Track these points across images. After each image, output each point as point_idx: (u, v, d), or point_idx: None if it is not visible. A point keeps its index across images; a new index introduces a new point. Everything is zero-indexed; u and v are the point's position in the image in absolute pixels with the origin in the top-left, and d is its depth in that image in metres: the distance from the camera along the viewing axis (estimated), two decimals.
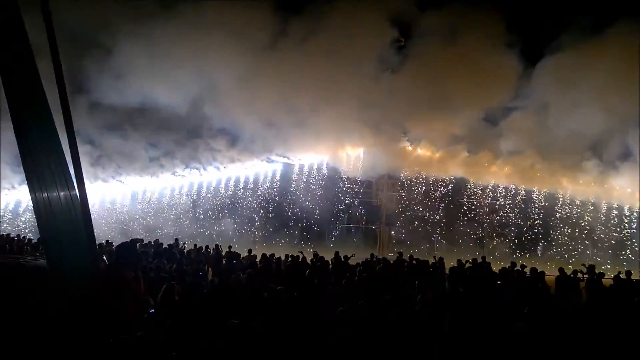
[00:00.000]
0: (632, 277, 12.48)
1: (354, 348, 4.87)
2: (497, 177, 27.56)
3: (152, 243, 16.49)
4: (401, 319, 5.52)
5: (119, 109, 24.85)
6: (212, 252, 15.87)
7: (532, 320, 6.06)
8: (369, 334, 5.08)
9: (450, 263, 14.65)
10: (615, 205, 25.93)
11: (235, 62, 23.77)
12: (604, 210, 26.11)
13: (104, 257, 9.79)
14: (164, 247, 15.74)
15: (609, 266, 21.02)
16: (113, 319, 3.50)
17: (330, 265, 13.11)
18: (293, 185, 29.05)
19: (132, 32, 23.07)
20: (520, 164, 26.75)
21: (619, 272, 13.04)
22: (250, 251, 15.23)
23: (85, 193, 3.81)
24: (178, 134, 28.02)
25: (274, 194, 29.45)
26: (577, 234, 25.97)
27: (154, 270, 10.02)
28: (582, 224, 26.07)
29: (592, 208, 26.19)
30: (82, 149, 3.85)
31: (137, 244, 14.96)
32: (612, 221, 25.84)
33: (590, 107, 23.46)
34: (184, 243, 16.85)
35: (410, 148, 28.22)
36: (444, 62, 24.93)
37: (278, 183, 29.56)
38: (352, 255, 14.44)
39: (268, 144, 28.26)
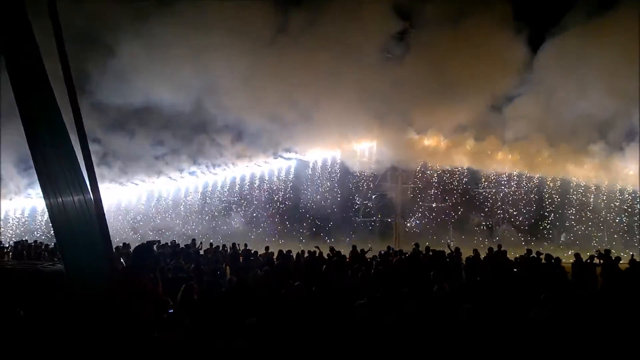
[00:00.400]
0: None
1: (371, 341, 4.83)
2: (505, 165, 27.41)
3: (169, 244, 16.62)
4: (418, 311, 5.47)
5: (123, 108, 24.98)
6: (229, 250, 15.94)
7: (549, 307, 5.97)
8: (386, 327, 5.03)
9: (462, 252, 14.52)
10: (629, 189, 25.67)
11: (239, 59, 23.75)
12: (612, 194, 25.91)
13: (122, 260, 9.89)
14: (181, 247, 15.87)
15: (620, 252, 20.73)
16: (131, 321, 3.51)
17: (348, 259, 13.08)
18: (307, 181, 29.05)
19: (134, 31, 23.14)
20: (528, 150, 26.57)
21: (632, 255, 13.00)
22: (267, 248, 15.28)
23: (100, 196, 3.82)
24: (186, 133, 28.13)
25: (288, 191, 29.48)
26: (585, 219, 25.76)
27: (171, 270, 10.09)
28: (591, 208, 25.92)
29: (603, 193, 25.94)
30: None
31: (154, 246, 15.07)
32: (624, 204, 25.63)
33: (595, 88, 23.26)
34: (201, 243, 16.96)
35: (423, 139, 28.04)
36: (449, 50, 24.85)
37: (292, 179, 29.56)
38: (369, 249, 14.41)
39: (279, 141, 28.35)
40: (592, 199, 26.09)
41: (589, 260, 12.17)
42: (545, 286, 8.36)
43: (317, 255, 13.41)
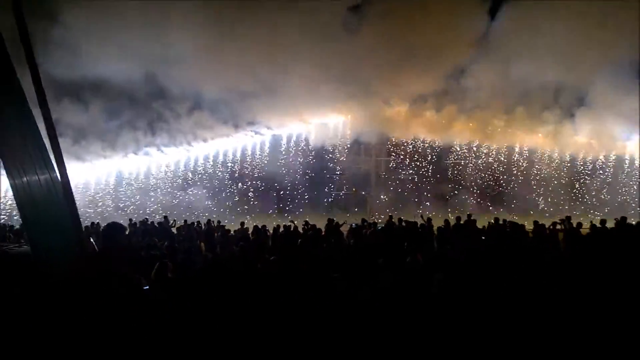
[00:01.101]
0: (606, 225, 12.87)
1: (346, 314, 4.91)
2: (467, 134, 28.05)
3: (141, 222, 16.37)
4: (393, 283, 5.58)
5: (73, 79, 23.50)
6: (204, 227, 15.81)
7: (516, 276, 6.19)
8: (361, 300, 5.12)
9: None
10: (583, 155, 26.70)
11: (198, 30, 22.90)
12: (568, 162, 27.20)
13: (92, 240, 9.68)
14: (153, 225, 15.67)
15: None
16: (102, 302, 3.46)
17: (323, 232, 13.19)
18: (282, 156, 28.89)
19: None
20: (487, 119, 27.24)
21: (591, 222, 13.60)
22: (242, 224, 15.23)
23: (67, 174, 3.69)
24: (145, 104, 26.87)
25: (263, 166, 29.23)
26: (538, 185, 26.99)
27: (144, 248, 9.97)
28: (546, 175, 27.16)
29: (564, 162, 27.01)
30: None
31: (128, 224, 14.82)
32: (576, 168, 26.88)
33: (550, 54, 23.94)
34: (174, 220, 16.77)
35: (390, 109, 28.21)
36: (408, 19, 24.78)
37: (260, 153, 29.27)
38: (343, 223, 14.55)
39: (242, 115, 27.92)
40: (543, 165, 27.15)
41: (551, 227, 12.64)
42: (512, 253, 8.66)
43: (292, 229, 13.47)
